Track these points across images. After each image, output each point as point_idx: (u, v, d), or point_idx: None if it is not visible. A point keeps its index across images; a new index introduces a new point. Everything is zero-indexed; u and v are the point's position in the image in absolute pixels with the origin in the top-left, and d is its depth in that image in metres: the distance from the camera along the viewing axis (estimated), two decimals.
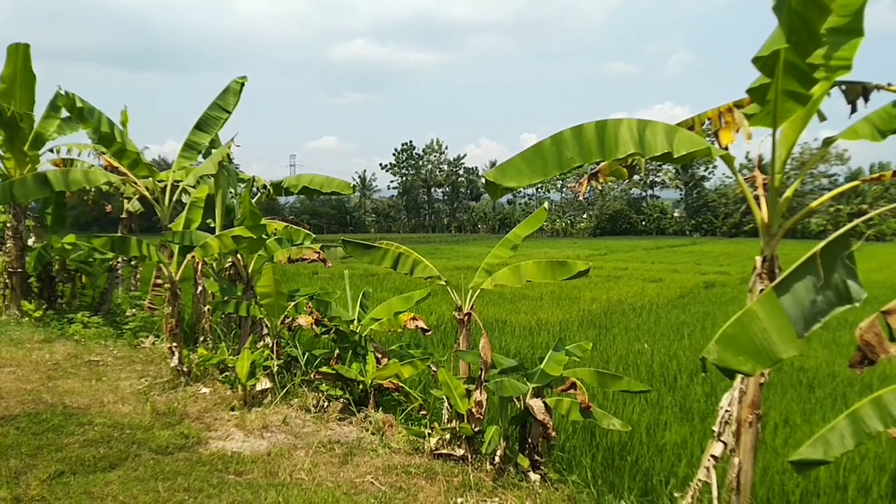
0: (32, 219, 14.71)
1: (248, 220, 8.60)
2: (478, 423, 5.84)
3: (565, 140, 3.91)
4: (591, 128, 3.90)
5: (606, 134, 3.84)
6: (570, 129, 3.95)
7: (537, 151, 3.94)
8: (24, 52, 12.56)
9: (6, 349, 9.90)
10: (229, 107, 11.36)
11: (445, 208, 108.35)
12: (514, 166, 3.94)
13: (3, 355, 9.52)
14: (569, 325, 14.22)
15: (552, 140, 3.94)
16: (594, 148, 3.85)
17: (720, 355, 3.34)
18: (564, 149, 3.89)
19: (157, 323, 11.68)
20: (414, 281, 20.64)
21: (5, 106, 12.39)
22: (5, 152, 13.28)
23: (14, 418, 6.62)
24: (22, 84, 12.64)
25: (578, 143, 3.88)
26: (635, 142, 3.78)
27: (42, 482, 5.00)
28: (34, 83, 12.80)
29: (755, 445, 4.18)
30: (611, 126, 3.87)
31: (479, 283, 6.29)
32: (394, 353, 8.21)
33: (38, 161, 13.59)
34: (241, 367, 7.37)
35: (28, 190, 9.89)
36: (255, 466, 5.54)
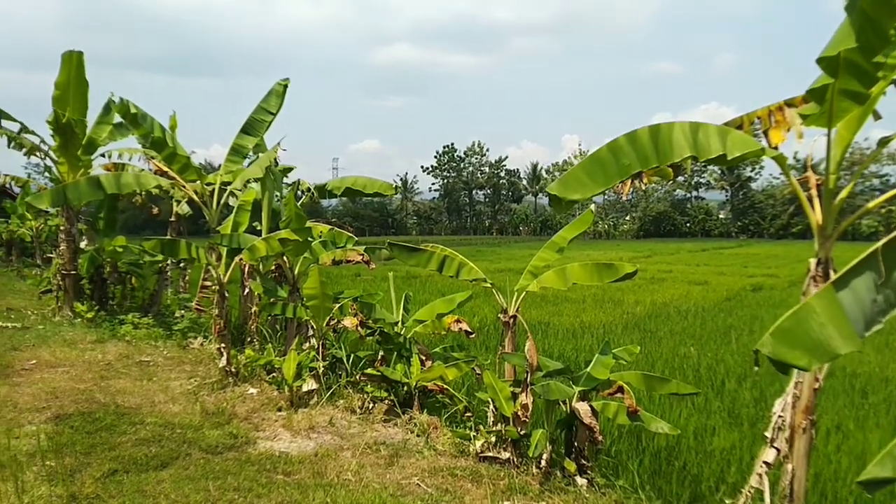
0: (84, 222, 15.13)
1: (293, 223, 8.70)
2: (523, 426, 5.80)
3: (621, 147, 3.88)
4: (644, 133, 3.86)
5: (661, 138, 3.80)
6: (624, 135, 3.91)
7: (595, 161, 3.91)
8: (77, 59, 12.90)
9: (60, 349, 10.20)
10: (273, 109, 11.50)
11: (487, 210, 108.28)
12: (576, 178, 3.93)
13: (57, 355, 9.80)
14: (612, 328, 14.05)
15: (608, 148, 3.91)
16: (650, 153, 3.81)
17: (775, 348, 3.24)
18: (621, 156, 3.86)
19: (205, 324, 11.91)
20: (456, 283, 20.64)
21: (60, 112, 12.75)
22: (59, 157, 13.68)
23: (69, 417, 6.81)
24: (75, 91, 12.98)
25: (634, 150, 3.84)
26: (690, 145, 3.73)
27: (96, 480, 5.13)
28: (87, 90, 13.12)
29: (809, 452, 4.07)
30: (664, 130, 3.82)
31: (525, 286, 6.25)
32: (437, 355, 8.21)
33: (90, 166, 13.96)
34: (288, 369, 7.46)
35: (81, 193, 10.17)
36: (303, 467, 5.59)
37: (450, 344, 9.38)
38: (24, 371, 8.87)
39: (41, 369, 8.97)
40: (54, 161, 13.88)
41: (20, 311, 14.59)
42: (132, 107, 10.09)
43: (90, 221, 15.09)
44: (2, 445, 5.88)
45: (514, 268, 28.31)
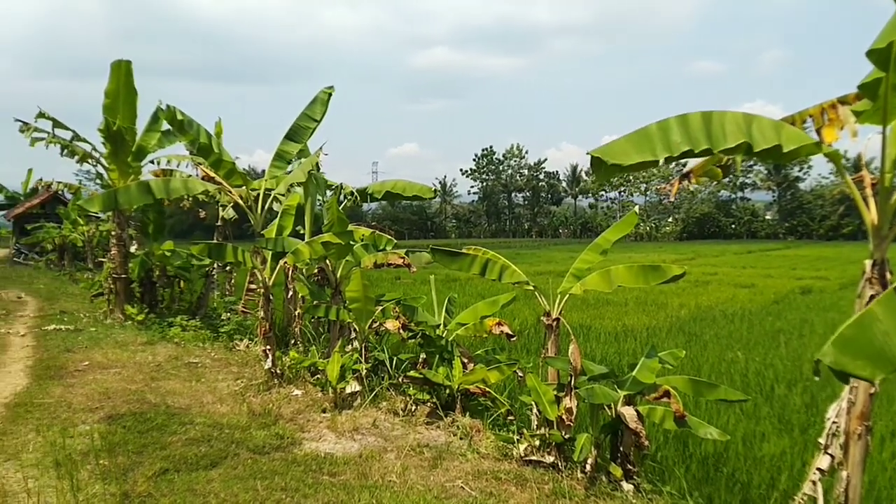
0: (134, 227, 15.54)
1: (335, 227, 8.81)
2: (568, 430, 5.76)
3: (671, 126, 3.77)
4: (696, 117, 3.76)
5: (713, 123, 3.68)
6: (674, 117, 3.81)
7: (643, 135, 3.80)
8: (126, 68, 13.25)
9: (112, 351, 10.48)
10: (317, 116, 11.66)
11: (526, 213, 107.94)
12: (619, 146, 3.79)
13: (109, 357, 10.08)
14: (656, 332, 13.88)
15: (658, 125, 3.80)
16: (701, 136, 3.68)
17: (836, 358, 3.14)
18: (671, 133, 3.74)
19: (250, 326, 12.12)
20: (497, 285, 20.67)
21: (110, 120, 13.13)
22: (110, 164, 14.09)
23: (121, 417, 6.99)
24: (125, 99, 13.34)
25: (685, 130, 3.73)
26: (744, 132, 3.62)
27: (148, 479, 5.25)
28: (136, 98, 13.47)
29: (864, 459, 3.96)
30: (716, 116, 3.72)
31: (568, 288, 6.21)
32: (479, 357, 8.21)
33: (139, 172, 14.34)
34: (332, 370, 7.54)
35: (132, 198, 10.43)
36: (348, 468, 5.64)
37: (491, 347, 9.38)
38: (77, 372, 9.13)
39: (94, 370, 9.23)
40: (105, 168, 14.29)
41: (73, 313, 15.05)
42: (179, 114, 10.31)
43: (140, 226, 15.50)
44: (57, 444, 6.06)
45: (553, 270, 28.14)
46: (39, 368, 9.33)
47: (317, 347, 9.58)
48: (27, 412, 7.18)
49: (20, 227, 34.01)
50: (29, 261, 31.48)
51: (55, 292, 20.28)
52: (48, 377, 8.80)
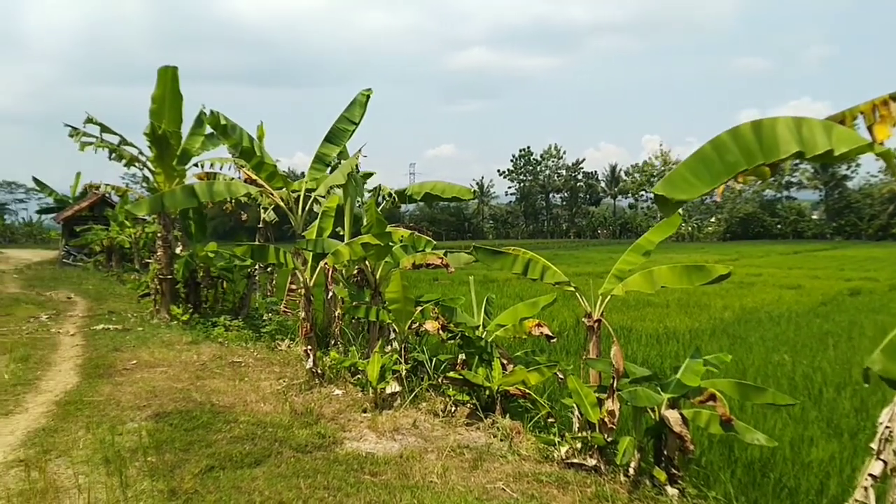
0: (179, 229, 15.86)
1: (374, 228, 8.88)
2: (610, 432, 5.71)
3: (725, 144, 3.74)
4: (747, 129, 3.71)
5: (764, 134, 3.63)
6: (726, 132, 3.77)
7: (700, 159, 3.78)
8: (171, 74, 13.53)
9: (158, 350, 10.72)
10: (356, 119, 11.78)
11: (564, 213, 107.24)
12: (682, 178, 3.80)
13: (155, 356, 10.30)
14: (699, 334, 13.64)
15: (712, 145, 3.78)
16: (755, 149, 3.64)
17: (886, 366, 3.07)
18: (726, 153, 3.71)
19: (291, 327, 12.27)
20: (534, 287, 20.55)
21: (156, 125, 13.42)
22: (156, 167, 14.41)
23: (168, 415, 7.14)
24: (170, 104, 13.62)
25: (739, 146, 3.69)
26: (796, 140, 3.55)
27: (194, 476, 5.35)
28: (181, 103, 13.74)
29: None
30: (767, 125, 3.66)
31: (610, 290, 6.14)
32: (519, 359, 8.19)
33: (184, 175, 14.64)
34: (372, 371, 7.59)
35: (177, 201, 10.67)
36: (389, 468, 5.67)
37: (530, 349, 9.35)
38: (125, 371, 9.36)
39: (141, 369, 9.45)
40: (151, 171, 14.61)
41: (121, 313, 15.43)
42: (222, 118, 10.51)
43: (184, 228, 15.82)
44: (106, 442, 6.22)
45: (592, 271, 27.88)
46: (89, 367, 9.59)
47: (356, 348, 9.66)
48: (77, 410, 7.38)
49: (69, 230, 34.95)
50: (78, 262, 32.33)
51: (103, 293, 20.81)
52: (97, 376, 9.04)
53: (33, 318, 14.88)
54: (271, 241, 15.92)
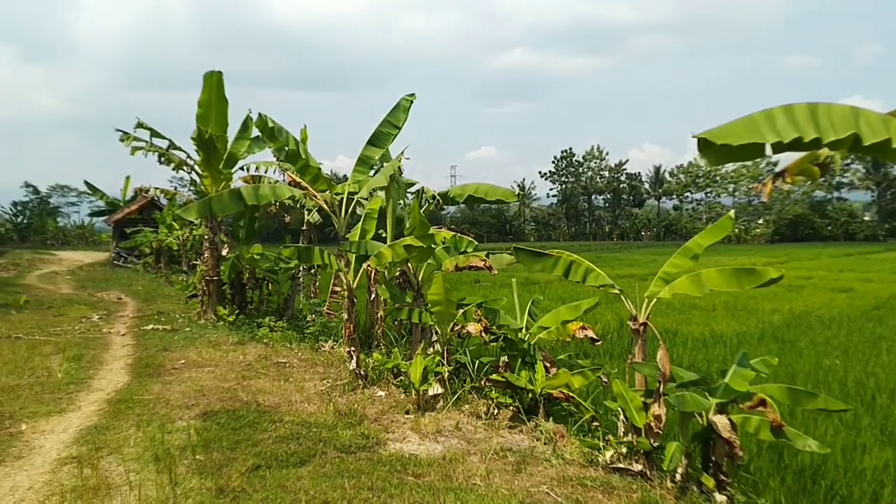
0: (225, 232, 16.16)
1: (417, 230, 8.89)
2: (656, 437, 5.61)
3: (776, 115, 3.57)
4: (801, 107, 3.55)
5: (819, 114, 3.47)
6: (778, 107, 3.62)
7: (748, 121, 3.60)
8: (217, 79, 13.80)
9: (206, 350, 10.93)
10: (399, 123, 11.85)
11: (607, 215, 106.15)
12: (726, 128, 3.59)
13: (203, 356, 10.50)
14: (747, 338, 13.35)
15: (763, 113, 3.61)
16: (808, 125, 3.48)
17: None
18: (777, 121, 3.55)
19: (335, 328, 12.38)
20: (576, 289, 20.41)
21: (203, 129, 13.69)
22: (203, 171, 14.70)
23: (215, 414, 7.27)
24: (216, 108, 13.88)
25: (791, 120, 3.55)
26: (852, 125, 3.41)
27: (241, 474, 5.43)
28: (227, 107, 14.00)
29: None
30: (822, 108, 3.50)
31: (656, 292, 6.05)
32: (562, 362, 8.11)
33: (230, 178, 14.90)
34: (415, 373, 7.62)
35: (224, 205, 10.85)
36: (432, 469, 5.68)
37: (573, 351, 9.26)
38: (174, 370, 9.57)
39: (189, 368, 9.65)
40: (199, 175, 14.91)
41: (169, 314, 15.78)
42: (269, 121, 10.68)
43: (230, 230, 16.11)
44: (156, 440, 6.37)
45: (636, 274, 27.52)
46: (139, 366, 9.83)
47: (399, 349, 9.70)
48: (128, 408, 7.57)
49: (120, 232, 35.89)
50: (128, 264, 33.17)
51: (152, 294, 21.31)
52: (147, 375, 9.26)
53: (85, 318, 15.32)
54: (314, 242, 16.11)
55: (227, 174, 14.67)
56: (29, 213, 68.76)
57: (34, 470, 5.73)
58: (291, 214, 18.23)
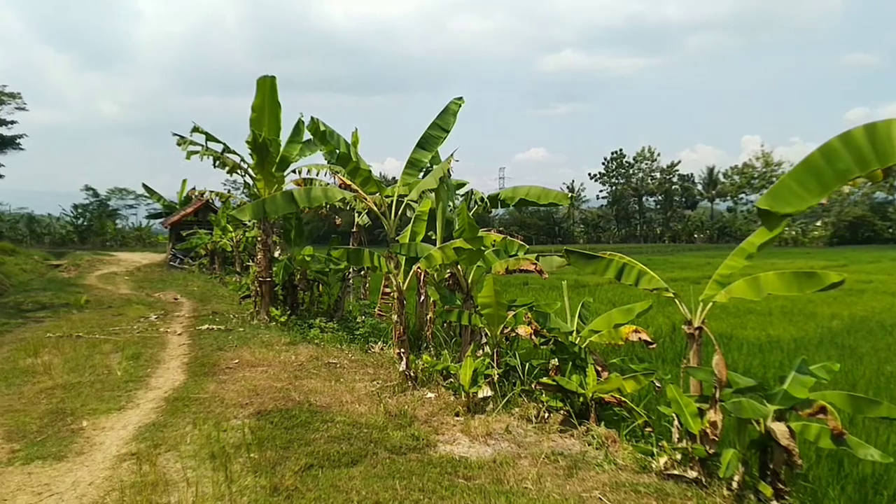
0: (277, 234, 16.43)
1: (466, 233, 8.90)
2: (712, 444, 5.49)
3: (835, 151, 3.51)
4: (860, 133, 3.47)
5: (878, 137, 3.38)
6: (836, 138, 3.54)
7: (807, 168, 3.56)
8: (270, 83, 14.03)
9: (259, 350, 11.12)
10: (448, 126, 11.89)
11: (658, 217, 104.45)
12: (787, 189, 3.57)
13: (256, 356, 10.69)
14: (805, 344, 12.98)
15: (821, 153, 3.55)
16: (869, 155, 3.39)
17: None
18: (837, 160, 3.48)
19: (384, 329, 12.47)
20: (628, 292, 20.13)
21: (256, 133, 13.95)
22: (256, 174, 14.97)
23: (268, 413, 7.39)
24: (270, 112, 14.12)
25: (850, 152, 3.45)
26: None
27: (295, 473, 5.51)
28: (279, 111, 14.23)
29: None
30: (881, 129, 3.41)
31: (711, 296, 5.91)
32: (614, 366, 8.01)
33: (283, 181, 15.14)
34: (464, 375, 7.62)
35: (277, 207, 11.05)
36: (482, 472, 5.66)
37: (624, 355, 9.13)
38: (228, 369, 9.76)
39: (243, 368, 9.83)
40: (252, 178, 15.20)
41: (223, 314, 16.13)
42: (321, 125, 10.83)
43: (283, 232, 16.38)
44: (212, 437, 6.51)
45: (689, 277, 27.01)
46: (195, 365, 10.06)
47: (448, 351, 9.71)
48: (185, 406, 7.76)
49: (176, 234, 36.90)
50: (184, 265, 34.03)
51: (207, 294, 21.81)
52: (202, 374, 9.47)
53: (143, 317, 15.77)
54: (364, 244, 16.26)
55: (280, 177, 14.92)
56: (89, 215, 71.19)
57: (95, 466, 5.92)
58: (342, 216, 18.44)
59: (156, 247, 59.57)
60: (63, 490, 5.39)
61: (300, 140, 14.81)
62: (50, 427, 7.05)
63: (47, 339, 12.38)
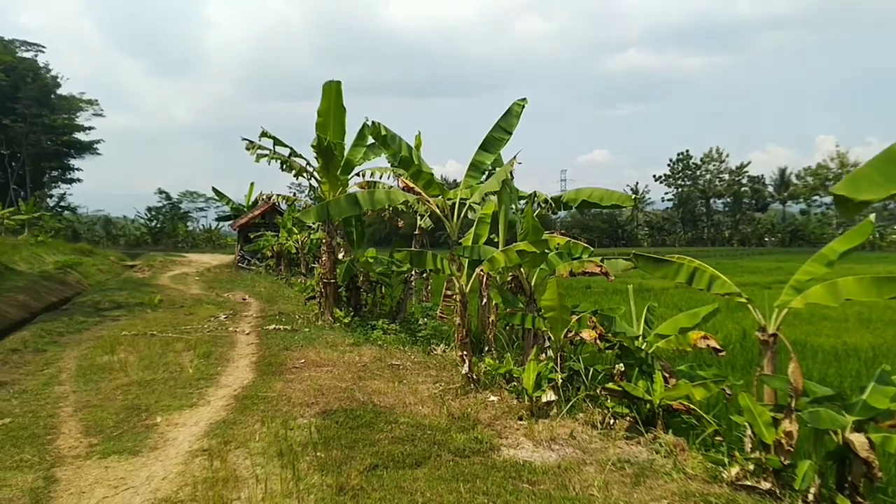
0: (341, 236, 16.69)
1: (530, 235, 8.82)
2: (787, 455, 5.30)
3: None
4: None
5: None
6: None
7: (888, 157, 3.38)
8: (336, 88, 14.27)
9: (323, 351, 11.31)
10: (511, 128, 11.84)
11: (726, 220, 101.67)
12: (867, 177, 3.37)
13: (321, 356, 10.88)
14: (884, 352, 12.37)
15: None
16: None
17: None
18: None
19: (446, 332, 12.50)
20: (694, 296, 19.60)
21: (322, 137, 14.20)
22: (321, 177, 15.25)
23: (334, 412, 7.50)
24: (335, 117, 14.36)
25: None
26: None
27: (360, 473, 5.57)
28: (344, 115, 14.46)
29: None
30: None
31: (787, 302, 5.71)
32: (682, 372, 7.81)
33: (346, 185, 15.39)
34: (528, 378, 7.56)
35: (342, 209, 11.23)
36: (547, 478, 5.60)
37: (692, 361, 8.91)
38: (294, 369, 9.96)
39: (308, 368, 10.02)
40: (318, 181, 15.48)
41: (289, 315, 16.47)
42: (383, 129, 10.95)
43: (346, 235, 16.62)
44: (280, 436, 6.65)
45: (759, 282, 26.16)
46: (262, 364, 10.31)
47: (511, 355, 9.65)
48: (253, 404, 7.95)
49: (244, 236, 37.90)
50: (251, 266, 34.90)
51: (273, 295, 22.32)
52: (270, 373, 9.70)
53: (213, 317, 16.25)
54: (426, 247, 16.34)
55: (344, 180, 15.16)
56: (162, 217, 73.92)
57: (168, 461, 6.12)
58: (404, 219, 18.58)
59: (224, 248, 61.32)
60: (138, 484, 5.59)
61: (364, 143, 15.01)
62: (126, 422, 7.34)
63: (123, 337, 12.89)
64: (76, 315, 16.67)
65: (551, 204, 11.39)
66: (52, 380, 9.55)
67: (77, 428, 7.16)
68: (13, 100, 64.23)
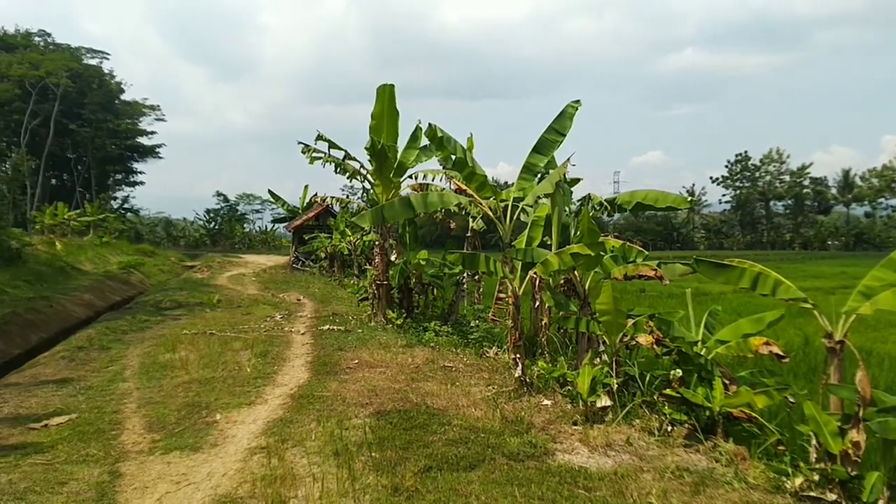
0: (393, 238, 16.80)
1: (586, 238, 8.72)
2: (854, 466, 5.11)
3: None
4: None
5: None
6: None
7: None
8: (389, 91, 14.38)
9: (377, 352, 11.40)
10: (565, 130, 11.70)
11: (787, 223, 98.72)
12: None
13: (374, 357, 10.97)
14: None
15: None
16: None
17: None
18: None
19: (499, 334, 12.45)
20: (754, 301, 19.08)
21: (376, 139, 14.32)
22: (375, 180, 15.38)
23: (387, 413, 7.55)
24: (388, 119, 14.48)
25: None
26: None
27: (414, 475, 5.59)
28: (397, 118, 14.56)
29: None
30: None
31: (855, 308, 5.51)
32: (743, 379, 7.61)
33: (399, 187, 15.47)
34: (582, 383, 7.46)
35: (395, 212, 11.29)
36: (603, 484, 5.52)
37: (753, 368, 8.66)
38: (348, 369, 10.07)
39: (362, 368, 10.11)
40: (371, 183, 15.63)
41: (343, 316, 16.67)
42: (438, 131, 10.96)
43: (399, 236, 16.72)
44: (335, 435, 6.72)
45: (822, 287, 25.31)
46: (317, 364, 10.45)
47: (564, 358, 9.56)
48: (309, 403, 8.07)
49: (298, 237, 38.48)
50: (305, 267, 35.42)
51: (327, 296, 22.62)
52: (325, 373, 9.82)
53: (269, 317, 16.57)
54: (479, 249, 16.32)
55: (397, 182, 15.25)
56: (220, 219, 75.82)
57: (228, 458, 6.26)
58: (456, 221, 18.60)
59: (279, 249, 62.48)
60: (199, 480, 5.73)
61: (417, 146, 15.08)
62: (187, 419, 7.53)
63: (183, 336, 13.25)
64: (139, 314, 17.23)
65: (606, 206, 11.23)
66: (117, 377, 9.88)
67: (140, 424, 7.39)
68: (80, 105, 66.95)
